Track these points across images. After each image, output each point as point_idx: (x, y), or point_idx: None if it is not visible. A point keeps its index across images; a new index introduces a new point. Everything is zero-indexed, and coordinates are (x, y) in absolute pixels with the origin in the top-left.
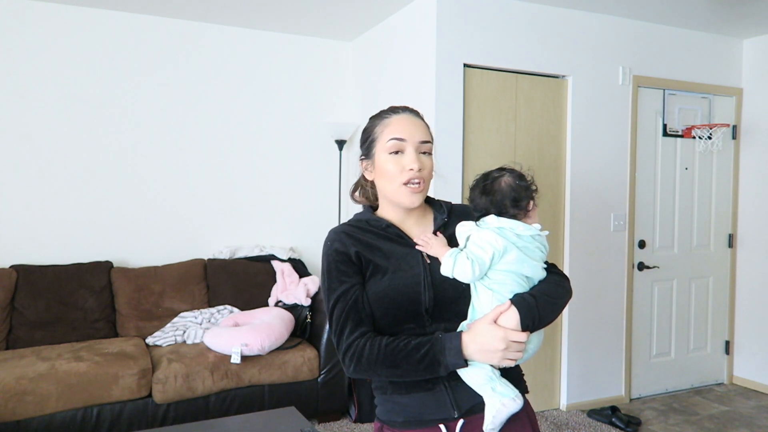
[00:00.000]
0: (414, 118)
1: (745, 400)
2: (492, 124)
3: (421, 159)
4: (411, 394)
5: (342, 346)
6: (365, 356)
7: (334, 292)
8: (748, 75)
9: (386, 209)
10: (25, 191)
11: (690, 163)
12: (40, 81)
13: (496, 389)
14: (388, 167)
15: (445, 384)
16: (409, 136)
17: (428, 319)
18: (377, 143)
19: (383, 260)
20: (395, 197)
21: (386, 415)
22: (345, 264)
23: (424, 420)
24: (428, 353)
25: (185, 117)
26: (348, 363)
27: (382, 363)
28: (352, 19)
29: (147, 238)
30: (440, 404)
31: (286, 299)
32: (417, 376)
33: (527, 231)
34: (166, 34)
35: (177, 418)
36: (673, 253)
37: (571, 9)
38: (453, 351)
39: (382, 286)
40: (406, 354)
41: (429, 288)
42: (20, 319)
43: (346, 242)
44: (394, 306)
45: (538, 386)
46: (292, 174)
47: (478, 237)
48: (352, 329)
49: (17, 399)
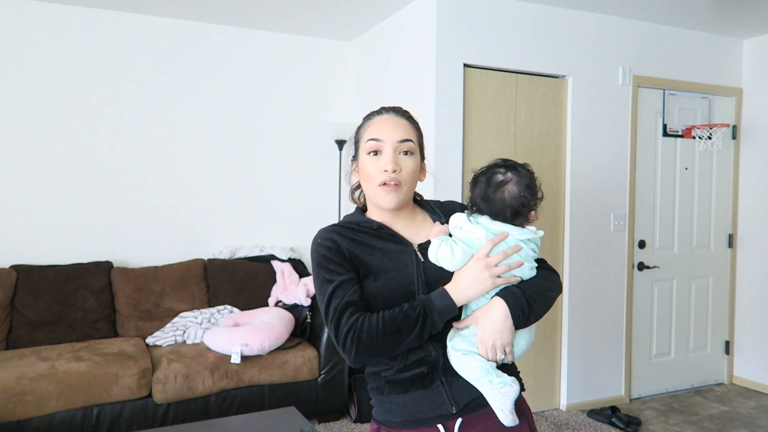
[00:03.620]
0: (396, 117)
1: (745, 400)
2: (492, 124)
3: (399, 160)
4: (408, 393)
5: (341, 332)
6: (365, 332)
7: (330, 284)
8: (748, 75)
9: (373, 211)
10: (25, 191)
11: (690, 163)
12: (41, 81)
13: (493, 381)
14: (368, 168)
15: (442, 380)
16: (387, 137)
17: None
18: (360, 144)
19: (376, 259)
20: (374, 198)
21: (383, 416)
22: (338, 258)
23: (422, 419)
24: (423, 309)
25: (185, 117)
26: (349, 346)
27: (384, 332)
28: (352, 19)
29: (147, 238)
30: (437, 401)
31: (286, 299)
32: (419, 336)
33: (521, 235)
34: (166, 34)
35: (177, 418)
36: (673, 253)
37: (571, 9)
38: (439, 295)
39: (376, 286)
40: (404, 316)
41: (423, 287)
42: (20, 319)
43: (337, 240)
44: (389, 305)
45: (538, 386)
46: (292, 174)
47: (469, 229)
48: (351, 313)
49: (17, 399)
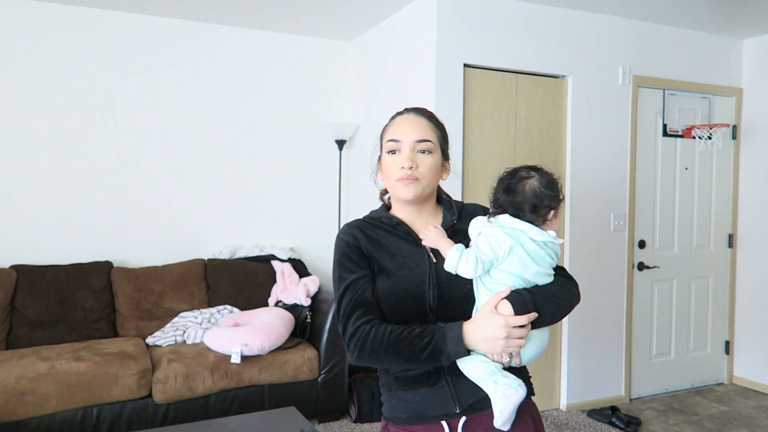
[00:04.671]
0: (415, 117)
1: (745, 400)
2: (492, 124)
3: (416, 157)
4: (414, 390)
5: (348, 332)
6: (369, 342)
7: (344, 281)
8: (748, 75)
9: (397, 208)
10: (25, 191)
11: (690, 163)
12: (41, 81)
13: (498, 382)
14: (388, 167)
15: (447, 379)
16: (404, 137)
17: (433, 318)
18: (383, 143)
19: (390, 258)
20: (393, 192)
21: (391, 412)
22: (356, 255)
23: (427, 416)
24: (431, 342)
25: (185, 117)
26: (353, 348)
27: (386, 350)
28: (352, 19)
29: (147, 238)
30: (442, 400)
31: (286, 299)
32: (419, 365)
33: (540, 236)
34: (166, 34)
35: (177, 418)
36: (673, 253)
37: (571, 9)
38: (454, 339)
39: (388, 284)
40: (410, 342)
41: (434, 287)
42: (20, 319)
43: (358, 236)
44: (399, 303)
45: (539, 386)
46: (293, 174)
47: (488, 234)
48: (359, 316)
49: (17, 399)
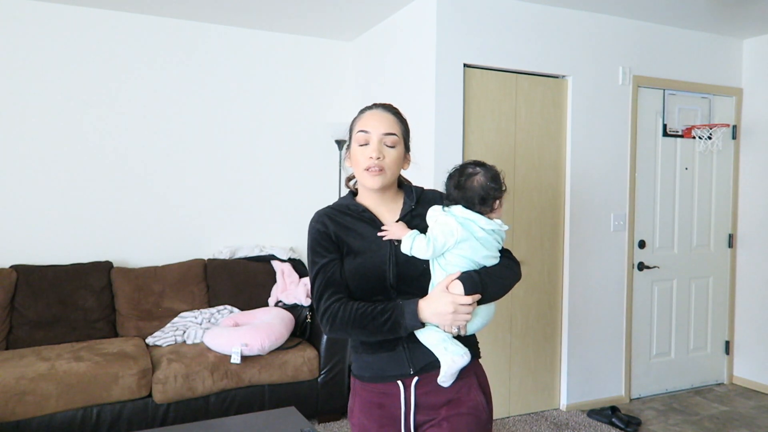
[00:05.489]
0: (383, 112)
1: (745, 400)
2: (492, 124)
3: (383, 149)
4: (376, 354)
5: (320, 309)
6: (338, 317)
7: (316, 265)
8: (748, 75)
9: (363, 194)
10: (25, 191)
11: (690, 163)
12: (41, 81)
13: (447, 348)
14: (357, 156)
15: (404, 345)
16: (373, 129)
17: (394, 293)
18: (352, 134)
19: (357, 241)
20: (361, 180)
21: (357, 371)
22: (326, 241)
23: (385, 376)
24: (391, 317)
25: (185, 117)
26: (325, 323)
27: (353, 324)
28: (352, 19)
29: (147, 238)
30: (399, 362)
31: (286, 299)
32: (382, 337)
33: (488, 225)
34: (166, 34)
35: (177, 418)
36: (673, 253)
37: (571, 9)
38: (410, 314)
39: (354, 264)
40: (373, 317)
41: (394, 266)
42: (20, 319)
43: (327, 224)
44: (364, 280)
45: (538, 386)
46: (292, 174)
47: (442, 222)
48: (330, 295)
49: (17, 399)
